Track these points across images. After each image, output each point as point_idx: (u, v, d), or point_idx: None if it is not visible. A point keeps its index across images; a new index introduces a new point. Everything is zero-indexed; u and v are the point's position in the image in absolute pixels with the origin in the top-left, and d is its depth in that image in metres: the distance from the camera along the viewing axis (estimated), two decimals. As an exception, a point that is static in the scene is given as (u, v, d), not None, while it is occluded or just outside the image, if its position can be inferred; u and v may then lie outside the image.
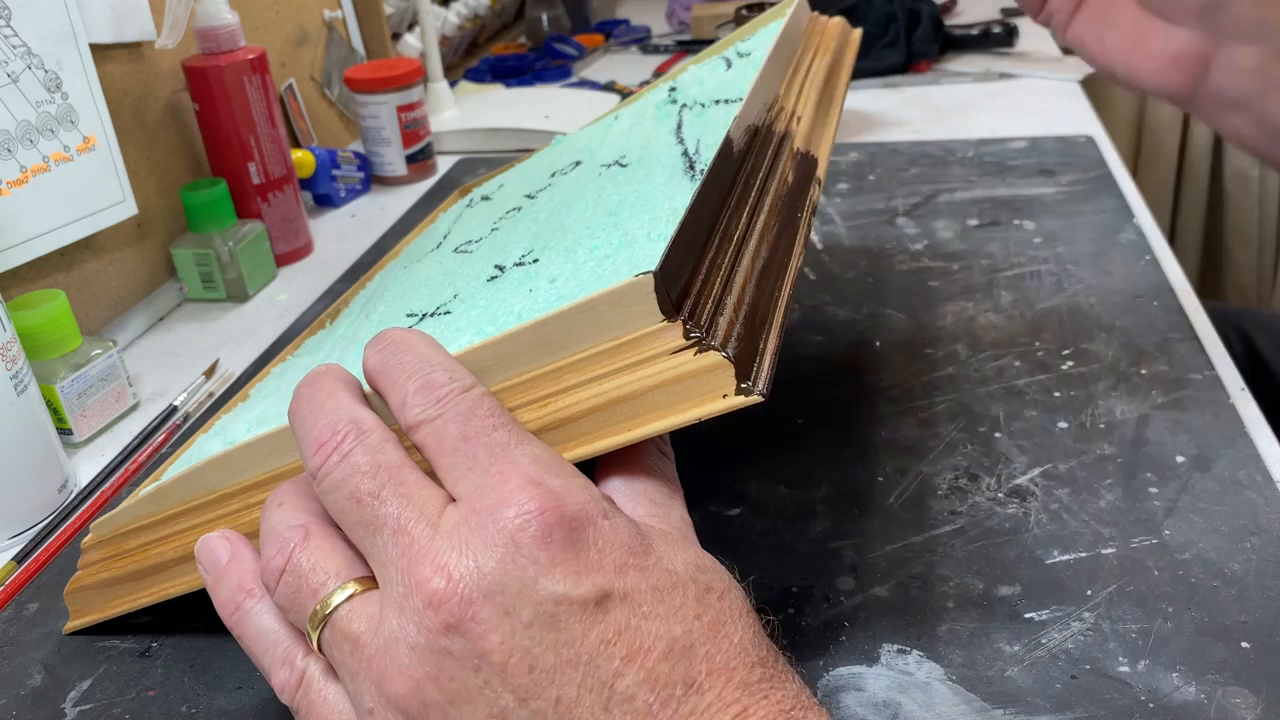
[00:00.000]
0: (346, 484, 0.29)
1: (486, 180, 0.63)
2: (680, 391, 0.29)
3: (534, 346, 0.30)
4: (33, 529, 0.52)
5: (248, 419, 0.42)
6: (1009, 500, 0.46)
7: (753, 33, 0.54)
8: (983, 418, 0.52)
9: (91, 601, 0.42)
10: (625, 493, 0.31)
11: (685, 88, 0.51)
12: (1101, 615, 0.39)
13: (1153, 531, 0.43)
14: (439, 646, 0.26)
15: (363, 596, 0.28)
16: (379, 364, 0.31)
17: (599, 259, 0.34)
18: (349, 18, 1.05)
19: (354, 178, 0.93)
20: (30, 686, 0.42)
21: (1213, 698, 0.36)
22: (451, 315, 0.38)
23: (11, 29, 0.61)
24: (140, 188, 0.72)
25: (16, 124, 0.61)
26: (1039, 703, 0.36)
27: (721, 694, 0.26)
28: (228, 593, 0.32)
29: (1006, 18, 1.19)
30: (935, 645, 0.39)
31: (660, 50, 1.32)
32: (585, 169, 0.48)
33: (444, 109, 1.04)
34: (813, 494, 0.48)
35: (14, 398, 0.50)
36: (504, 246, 0.43)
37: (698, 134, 0.42)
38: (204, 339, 0.71)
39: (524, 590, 0.26)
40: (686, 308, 0.30)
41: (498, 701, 0.26)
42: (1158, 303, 0.60)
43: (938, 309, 0.62)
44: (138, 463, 0.56)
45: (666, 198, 0.36)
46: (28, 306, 0.56)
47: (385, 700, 0.27)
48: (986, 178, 0.81)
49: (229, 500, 0.37)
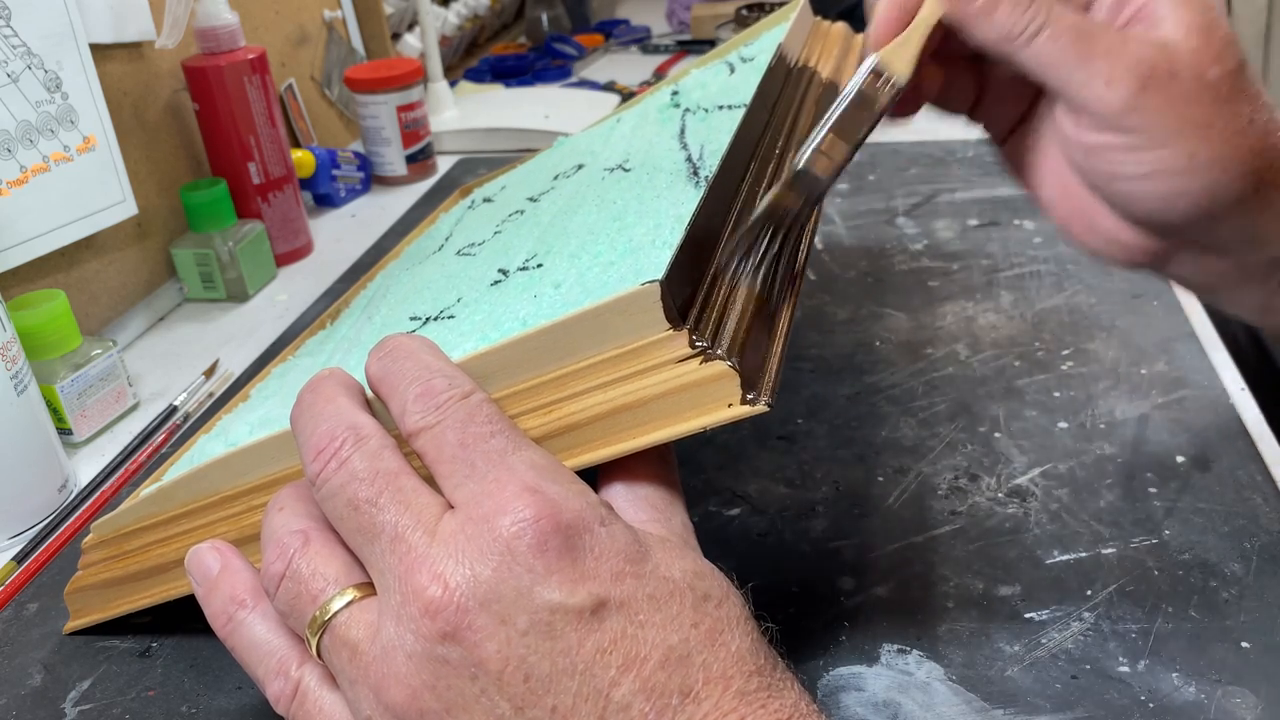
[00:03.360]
0: (344, 490, 0.29)
1: (488, 181, 0.63)
2: (685, 400, 0.29)
3: (539, 353, 0.30)
4: (33, 529, 0.52)
5: (250, 420, 0.42)
6: (1009, 500, 0.46)
7: (756, 37, 0.54)
8: (983, 418, 0.52)
9: (91, 601, 0.42)
10: (626, 497, 0.31)
11: (688, 92, 0.51)
12: (1101, 615, 0.40)
13: (1153, 531, 0.43)
14: (436, 655, 0.26)
15: (361, 603, 0.28)
16: (381, 370, 0.31)
17: (603, 265, 0.34)
18: (349, 18, 1.04)
19: (354, 178, 0.93)
20: (30, 686, 0.42)
21: (1213, 698, 0.36)
22: (455, 319, 0.38)
23: (11, 29, 0.61)
24: (140, 188, 0.72)
25: (16, 124, 0.61)
26: (1039, 703, 0.36)
27: (718, 703, 0.26)
28: (220, 604, 0.32)
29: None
30: (935, 645, 0.39)
31: (660, 50, 1.32)
32: (588, 172, 0.48)
33: (444, 109, 1.04)
34: (813, 494, 0.48)
35: (14, 398, 0.50)
36: (507, 250, 0.43)
37: (701, 139, 0.42)
38: (204, 339, 0.71)
39: (520, 599, 0.26)
40: (692, 316, 0.30)
41: (494, 710, 0.26)
42: (1158, 303, 0.60)
43: (938, 309, 0.63)
44: (138, 463, 0.56)
45: (671, 204, 0.36)
46: (28, 306, 0.56)
47: (383, 708, 0.27)
48: (986, 178, 0.81)
49: (231, 502, 0.37)
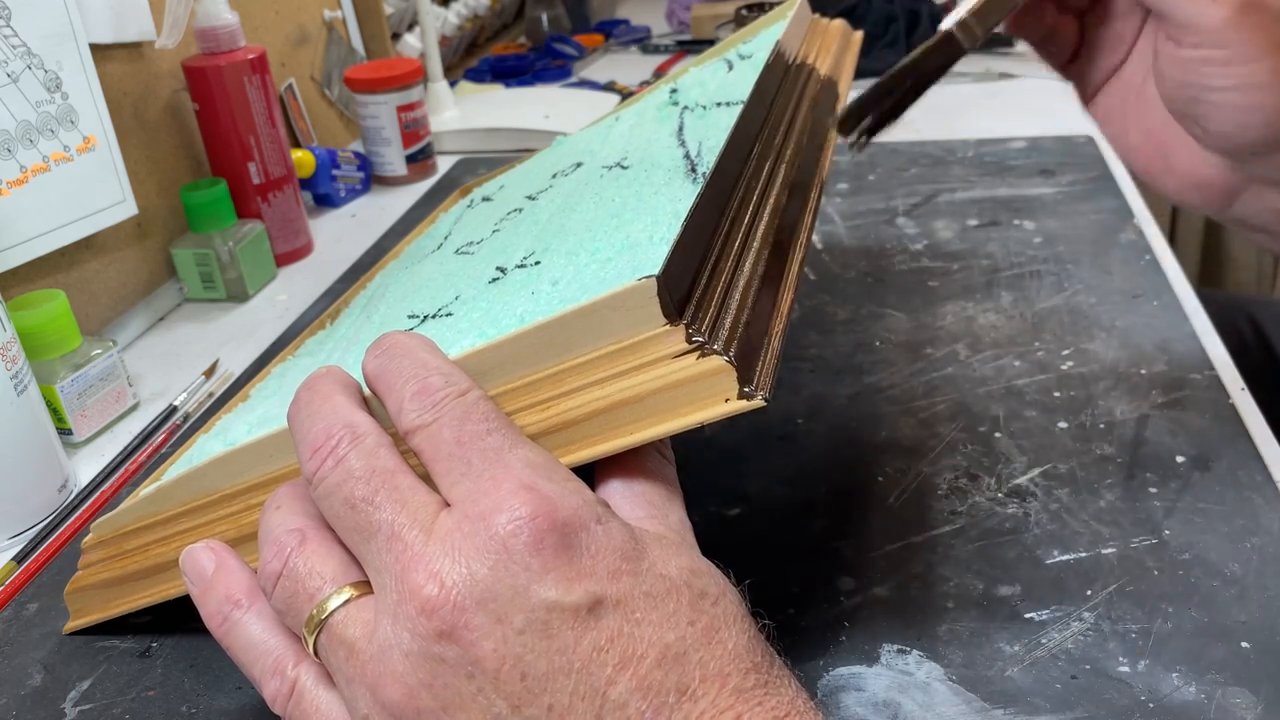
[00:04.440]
0: (341, 489, 0.29)
1: (487, 180, 0.63)
2: (682, 396, 0.29)
3: (536, 349, 0.30)
4: (33, 529, 0.52)
5: (249, 419, 0.42)
6: (1009, 500, 0.46)
7: (754, 34, 0.54)
8: (983, 418, 0.52)
9: (91, 601, 0.42)
10: (623, 494, 0.30)
11: (686, 89, 0.51)
12: (1101, 615, 0.40)
13: (1153, 531, 0.43)
14: (432, 654, 0.26)
15: (358, 602, 0.28)
16: (378, 368, 0.31)
17: (601, 261, 0.34)
18: (349, 18, 1.04)
19: (354, 178, 0.93)
20: (30, 686, 0.42)
21: (1213, 698, 0.36)
22: (453, 317, 0.38)
23: (11, 29, 0.61)
24: (140, 188, 0.72)
25: (16, 124, 0.61)
26: (1039, 703, 0.36)
27: (715, 701, 0.26)
28: (215, 604, 0.31)
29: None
30: (935, 645, 0.39)
31: (660, 50, 1.32)
32: (586, 170, 0.48)
33: (444, 109, 1.04)
34: (813, 494, 0.48)
35: (14, 398, 0.50)
36: (505, 248, 0.43)
37: (699, 136, 0.42)
38: (204, 339, 0.71)
39: (516, 597, 0.26)
40: (689, 312, 0.30)
41: (491, 709, 0.26)
42: (1158, 303, 0.60)
43: (938, 309, 0.62)
44: (138, 463, 0.56)
45: (668, 200, 0.36)
46: (28, 306, 0.56)
47: (380, 706, 0.27)
48: (986, 178, 0.81)
49: (230, 501, 0.36)
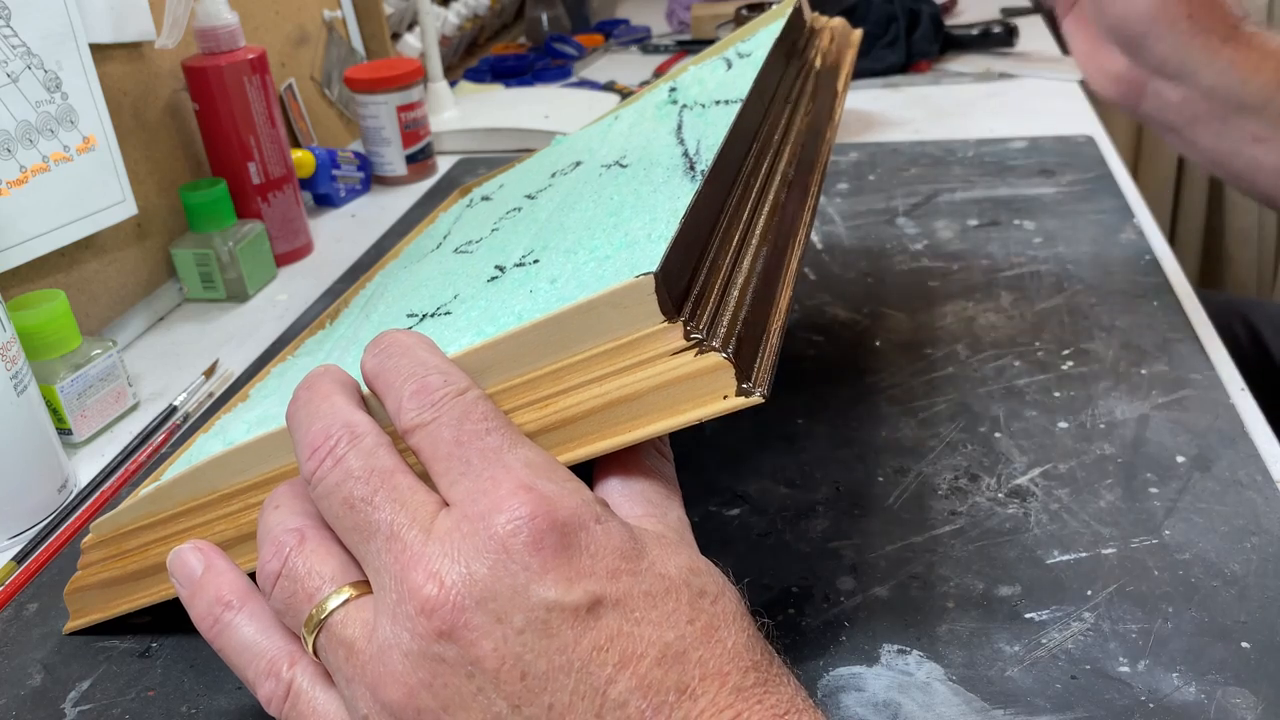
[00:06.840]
0: (340, 489, 0.29)
1: (486, 180, 0.63)
2: (680, 393, 0.29)
3: (534, 347, 0.30)
4: (33, 529, 0.52)
5: (248, 419, 0.42)
6: (1009, 500, 0.46)
7: (753, 33, 0.54)
8: (983, 418, 0.52)
9: (91, 601, 0.42)
10: (622, 493, 0.30)
11: (685, 88, 0.51)
12: (1101, 615, 0.39)
13: (1153, 531, 0.43)
14: (432, 653, 0.26)
15: (358, 601, 0.28)
16: (376, 367, 0.31)
17: (599, 260, 0.34)
18: (349, 18, 1.04)
19: (354, 178, 0.93)
20: (30, 686, 0.42)
21: (1213, 698, 0.36)
22: (452, 316, 0.38)
23: (11, 29, 0.61)
24: (140, 188, 0.72)
25: (16, 124, 0.61)
26: (1039, 703, 0.36)
27: (715, 699, 0.26)
28: (204, 606, 0.31)
29: (1006, 18, 1.19)
30: (935, 645, 0.39)
31: (660, 50, 1.32)
32: (585, 169, 0.48)
33: (444, 109, 1.04)
34: (813, 494, 0.48)
35: (14, 398, 0.50)
36: (504, 247, 0.43)
37: (698, 135, 0.42)
38: (204, 339, 0.71)
39: (515, 597, 0.26)
40: (687, 309, 0.30)
41: (491, 708, 0.26)
42: (1158, 303, 0.60)
43: (938, 309, 0.62)
44: (138, 463, 0.56)
45: (667, 198, 0.36)
46: (28, 306, 0.56)
47: (380, 706, 0.27)
48: (986, 178, 0.81)
49: (229, 500, 0.36)
